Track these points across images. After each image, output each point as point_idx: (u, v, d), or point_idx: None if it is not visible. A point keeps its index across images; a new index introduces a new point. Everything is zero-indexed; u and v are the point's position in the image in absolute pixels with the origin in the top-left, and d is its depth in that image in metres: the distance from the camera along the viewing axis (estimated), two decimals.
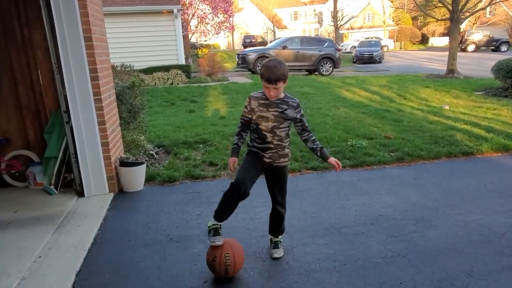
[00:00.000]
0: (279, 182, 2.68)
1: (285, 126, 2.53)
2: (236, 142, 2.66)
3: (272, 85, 2.39)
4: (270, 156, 2.57)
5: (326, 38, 17.63)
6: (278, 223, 2.78)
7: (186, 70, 13.55)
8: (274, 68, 2.37)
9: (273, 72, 2.37)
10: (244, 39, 40.07)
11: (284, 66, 2.42)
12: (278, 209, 2.73)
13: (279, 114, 2.49)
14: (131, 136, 4.86)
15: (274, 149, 2.55)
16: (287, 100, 2.51)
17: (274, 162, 2.58)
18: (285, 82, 2.43)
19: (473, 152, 5.03)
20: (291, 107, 2.50)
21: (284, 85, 2.45)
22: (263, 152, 2.57)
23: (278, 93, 2.46)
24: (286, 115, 2.50)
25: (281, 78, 2.39)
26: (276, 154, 2.57)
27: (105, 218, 3.42)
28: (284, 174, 2.68)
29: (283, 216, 2.77)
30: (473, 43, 30.94)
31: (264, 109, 2.50)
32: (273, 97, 2.46)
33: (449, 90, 10.43)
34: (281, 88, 2.45)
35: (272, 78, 2.37)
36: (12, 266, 2.61)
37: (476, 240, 2.91)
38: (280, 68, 2.38)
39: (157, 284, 2.47)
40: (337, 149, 5.18)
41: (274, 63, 2.41)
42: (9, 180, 4.09)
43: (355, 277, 2.48)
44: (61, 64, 3.51)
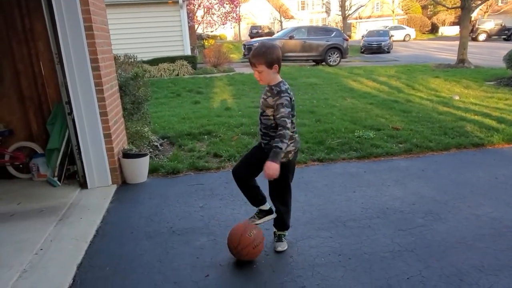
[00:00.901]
0: (274, 180, 2.42)
1: (268, 114, 2.40)
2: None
3: (253, 67, 2.36)
4: (265, 145, 2.51)
5: (334, 28, 17.35)
6: (278, 219, 2.70)
7: (192, 61, 13.44)
8: (257, 49, 2.34)
9: (253, 54, 2.34)
10: (250, 30, 39.76)
11: (270, 50, 2.33)
12: (277, 206, 2.65)
13: (263, 101, 2.44)
14: (134, 127, 4.82)
15: (264, 138, 2.49)
16: (273, 88, 2.39)
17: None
18: (269, 67, 2.33)
19: (484, 143, 4.90)
20: (272, 95, 2.37)
21: (270, 71, 2.34)
22: (262, 141, 2.55)
23: (261, 76, 2.38)
24: (267, 103, 2.40)
25: (261, 61, 2.31)
26: (268, 145, 2.44)
27: (107, 210, 3.39)
28: (282, 171, 2.34)
29: (282, 213, 2.67)
30: (484, 32, 30.29)
31: (262, 94, 2.50)
32: (259, 80, 2.42)
33: (459, 80, 10.21)
34: (265, 72, 2.35)
35: (251, 60, 2.36)
36: (13, 258, 2.59)
37: (487, 234, 2.81)
38: (261, 50, 2.32)
39: (159, 277, 2.43)
40: (343, 140, 5.08)
41: (259, 45, 2.37)
42: (13, 171, 4.09)
43: (361, 272, 2.42)
44: (62, 54, 3.46)
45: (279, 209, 2.66)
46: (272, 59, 2.33)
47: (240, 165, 2.65)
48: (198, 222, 3.14)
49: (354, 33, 42.62)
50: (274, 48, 2.37)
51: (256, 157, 2.54)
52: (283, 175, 2.42)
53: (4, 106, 4.07)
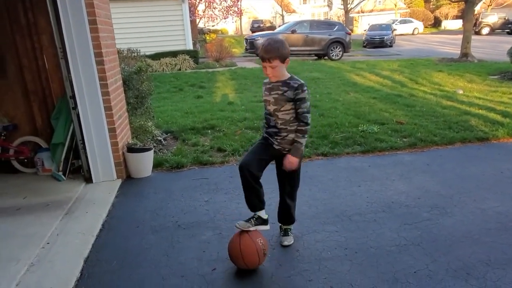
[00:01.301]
0: (288, 173, 2.55)
1: (287, 108, 2.40)
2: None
3: (267, 63, 2.33)
4: (279, 142, 2.47)
5: (336, 22, 17.24)
6: (286, 214, 2.70)
7: (194, 56, 13.40)
8: (268, 45, 2.32)
9: (266, 50, 2.31)
10: (252, 24, 39.56)
11: (282, 45, 2.34)
12: (286, 201, 2.65)
13: (279, 96, 2.41)
14: (138, 122, 4.81)
15: (280, 134, 2.45)
16: (289, 82, 2.40)
17: (284, 150, 2.48)
18: (283, 62, 2.34)
19: (489, 137, 4.88)
20: (291, 88, 2.38)
21: (283, 65, 2.35)
22: (272, 138, 2.49)
23: (274, 72, 2.36)
24: (286, 97, 2.39)
25: (276, 56, 2.30)
26: (283, 140, 2.45)
27: (113, 205, 3.39)
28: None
29: (291, 208, 2.67)
30: (488, 25, 30.05)
31: (267, 93, 2.46)
32: (271, 77, 2.39)
33: (462, 74, 10.15)
34: (279, 67, 2.34)
35: (265, 56, 2.32)
36: (20, 252, 2.60)
37: (493, 228, 2.81)
38: (275, 45, 2.32)
39: (165, 271, 2.44)
40: (347, 134, 5.07)
41: (270, 41, 2.35)
42: (18, 166, 4.09)
43: (367, 266, 2.42)
44: (66, 48, 3.44)
45: (288, 204, 2.66)
46: (285, 53, 2.34)
47: (253, 160, 2.43)
48: (204, 216, 3.14)
49: (356, 27, 42.37)
50: (285, 43, 2.39)
51: (267, 154, 2.52)
52: (297, 169, 2.55)
53: (9, 101, 4.07)
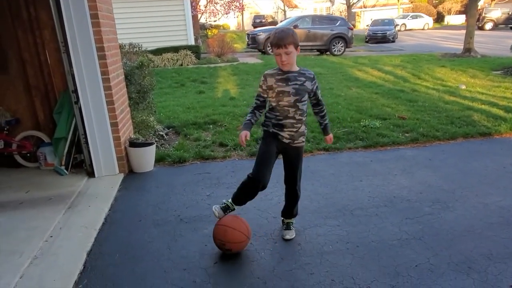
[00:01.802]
0: (297, 164, 2.61)
1: (306, 99, 2.49)
2: (249, 118, 2.53)
3: (283, 49, 2.32)
4: (290, 135, 2.49)
5: (338, 17, 17.14)
6: (292, 206, 2.72)
7: (195, 51, 13.36)
8: (282, 32, 2.34)
9: (281, 37, 2.32)
10: (254, 19, 39.39)
11: (294, 32, 2.40)
12: (294, 192, 2.67)
13: (300, 86, 2.42)
14: (140, 117, 4.81)
15: (296, 125, 2.47)
16: (304, 72, 2.46)
17: (293, 142, 2.52)
18: (296, 48, 2.36)
19: (491, 132, 4.87)
20: (309, 79, 2.46)
21: (296, 52, 2.37)
22: (282, 132, 2.48)
23: (289, 58, 2.35)
24: (305, 88, 2.44)
25: (291, 41, 2.32)
26: (296, 133, 2.49)
27: (115, 199, 3.41)
28: (301, 155, 2.63)
29: (298, 199, 2.71)
30: (491, 20, 29.84)
31: (283, 84, 2.41)
32: (286, 64, 2.36)
33: (465, 69, 10.10)
34: (293, 54, 2.35)
35: (280, 43, 2.31)
36: (24, 245, 2.62)
37: (495, 222, 2.81)
38: (288, 32, 2.36)
39: (168, 264, 2.45)
40: (349, 129, 5.06)
41: (282, 29, 2.39)
42: (20, 160, 4.11)
43: (369, 260, 2.43)
44: (68, 42, 3.44)
45: (296, 196, 2.68)
46: (298, 40, 2.38)
47: (264, 173, 2.47)
48: (206, 210, 3.15)
49: (358, 22, 42.14)
50: (296, 33, 2.42)
51: (274, 155, 2.53)
52: (302, 158, 2.63)
53: (11, 95, 4.07)
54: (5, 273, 2.32)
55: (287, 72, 2.41)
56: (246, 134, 2.45)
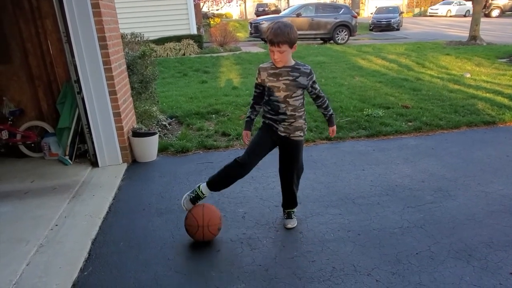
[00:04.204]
0: (293, 158, 2.57)
1: (298, 94, 2.40)
2: (249, 115, 2.60)
3: (275, 47, 2.27)
4: (285, 129, 2.46)
5: (342, 5, 16.95)
6: (290, 199, 2.73)
7: (198, 40, 13.29)
8: (278, 29, 2.26)
9: (276, 34, 2.25)
10: (256, 8, 38.97)
11: (291, 29, 2.28)
12: (288, 187, 2.67)
13: (291, 82, 2.37)
14: (143, 106, 4.83)
15: (288, 120, 2.44)
16: (299, 67, 2.38)
17: (290, 136, 2.48)
18: (291, 47, 2.28)
19: (495, 121, 4.85)
20: (303, 74, 2.37)
21: (291, 50, 2.30)
22: (277, 125, 2.47)
23: (282, 57, 2.30)
24: (298, 83, 2.38)
25: (285, 40, 2.25)
26: (291, 127, 2.45)
27: (119, 188, 3.44)
28: (298, 150, 2.57)
29: (294, 193, 2.70)
30: (497, 7, 29.37)
31: (274, 79, 2.39)
32: (278, 61, 2.32)
33: (470, 57, 9.99)
34: (287, 52, 2.30)
35: (274, 40, 2.25)
36: (30, 233, 2.66)
37: (497, 210, 2.82)
38: (284, 29, 2.26)
39: (171, 252, 2.49)
40: (352, 118, 5.05)
41: (279, 24, 2.29)
42: (25, 150, 4.15)
43: (370, 247, 2.45)
44: (70, 32, 3.44)
45: (292, 190, 2.68)
46: (294, 39, 2.29)
47: (254, 160, 2.51)
48: (208, 199, 3.14)
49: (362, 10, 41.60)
50: (294, 28, 2.33)
51: (268, 145, 2.53)
52: (300, 152, 2.59)
53: (14, 86, 4.09)
54: (12, 260, 2.37)
55: (281, 67, 2.36)
56: (246, 134, 2.60)
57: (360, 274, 2.20)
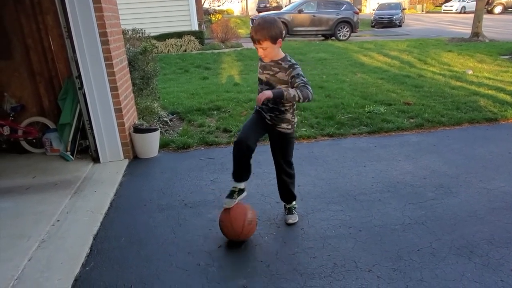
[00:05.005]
0: (282, 149, 2.60)
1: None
2: None
3: (257, 44, 2.30)
4: (271, 118, 2.49)
5: (344, 1, 16.81)
6: (285, 190, 2.73)
7: (199, 37, 13.25)
8: (258, 26, 2.26)
9: (256, 31, 2.26)
10: (258, 4, 38.84)
11: (272, 25, 2.26)
12: (282, 177, 2.67)
13: (271, 77, 2.39)
14: (144, 103, 4.82)
15: (272, 112, 2.45)
16: (281, 63, 2.35)
17: (276, 126, 2.50)
18: (274, 43, 2.27)
19: (497, 118, 4.83)
20: (282, 70, 2.34)
21: (274, 46, 2.29)
22: (264, 113, 2.51)
23: (266, 53, 2.32)
24: (277, 78, 2.37)
25: (266, 37, 2.24)
26: (276, 118, 2.47)
27: (120, 184, 3.44)
28: (287, 142, 2.58)
29: (289, 184, 2.70)
30: (500, 4, 29.23)
31: (261, 71, 2.46)
32: (263, 57, 2.36)
33: (473, 54, 9.95)
34: (270, 48, 2.29)
35: (255, 37, 2.28)
36: (31, 229, 2.67)
37: (498, 207, 2.81)
38: (265, 26, 2.25)
39: (172, 248, 2.49)
40: (354, 115, 5.04)
41: (260, 21, 2.29)
42: (26, 146, 4.15)
43: (371, 244, 2.45)
44: (71, 27, 3.43)
45: (284, 180, 2.68)
46: (276, 33, 2.27)
47: (251, 134, 2.41)
48: (209, 195, 3.18)
49: (364, 6, 41.43)
50: (277, 22, 2.30)
51: (262, 126, 2.53)
52: (289, 145, 2.59)
53: (16, 82, 4.09)
54: (14, 255, 2.38)
55: (268, 61, 2.39)
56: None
57: (361, 271, 2.20)
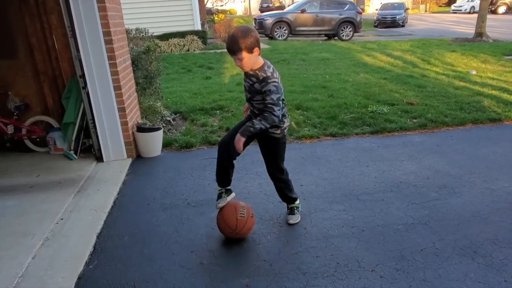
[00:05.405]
0: (271, 154, 2.55)
1: (259, 99, 2.34)
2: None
3: (234, 56, 2.25)
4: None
5: (347, 1, 16.78)
6: (281, 194, 2.71)
7: (202, 36, 13.25)
8: (231, 37, 2.22)
9: (229, 43, 2.23)
10: (261, 4, 38.83)
11: (246, 35, 2.19)
12: (273, 180, 2.65)
13: (249, 86, 2.37)
14: (147, 102, 4.83)
15: (254, 117, 2.40)
16: (258, 73, 2.29)
17: (263, 131, 2.40)
18: (250, 52, 2.21)
19: (501, 118, 4.81)
20: (258, 81, 2.29)
21: (251, 55, 2.22)
22: (254, 117, 2.42)
23: (244, 64, 2.26)
24: (255, 89, 2.33)
25: (239, 49, 2.18)
26: None
27: (123, 183, 3.45)
28: (276, 146, 2.52)
29: (283, 188, 2.67)
30: (504, 4, 29.10)
31: (244, 77, 2.41)
32: (242, 68, 2.31)
33: (476, 54, 9.91)
34: (247, 58, 2.23)
35: (229, 49, 2.24)
36: (35, 227, 2.68)
37: (502, 208, 2.80)
38: (238, 36, 2.18)
39: (175, 247, 2.50)
40: (356, 115, 5.03)
41: (234, 32, 2.23)
42: (30, 145, 4.17)
43: (374, 243, 2.45)
44: (75, 27, 3.44)
45: (279, 187, 2.68)
46: (251, 43, 2.20)
47: (227, 139, 2.47)
48: (212, 194, 3.17)
49: (367, 6, 41.37)
50: (251, 31, 2.23)
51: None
52: (277, 150, 2.54)
53: (20, 81, 4.11)
54: (18, 253, 2.39)
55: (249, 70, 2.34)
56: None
57: (364, 270, 2.20)
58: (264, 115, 2.26)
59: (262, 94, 2.29)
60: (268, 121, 2.27)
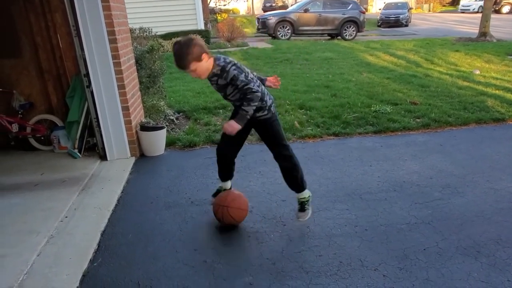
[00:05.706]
0: (269, 135, 2.59)
1: (231, 91, 2.42)
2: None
3: (186, 70, 2.29)
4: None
5: (350, 0, 16.74)
6: (288, 177, 2.67)
7: (205, 36, 13.25)
8: (176, 55, 2.26)
9: (176, 62, 2.27)
10: (264, 3, 38.79)
11: (189, 47, 2.21)
12: (281, 163, 2.63)
13: (215, 86, 2.47)
14: (151, 101, 4.85)
15: (240, 107, 2.41)
16: (214, 72, 2.36)
17: (252, 118, 2.44)
18: (199, 61, 2.25)
19: (505, 118, 4.80)
20: (219, 76, 2.37)
21: (201, 63, 2.26)
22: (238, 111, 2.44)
23: (198, 74, 2.32)
24: (220, 86, 2.42)
25: (187, 63, 2.23)
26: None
27: (127, 181, 3.47)
28: (270, 127, 2.55)
29: (291, 169, 2.63)
30: (508, 4, 28.90)
31: (208, 82, 2.51)
32: (200, 77, 2.35)
33: (480, 54, 9.87)
34: (199, 68, 2.28)
35: (178, 66, 2.29)
36: (40, 225, 2.70)
37: (506, 207, 2.80)
38: (182, 53, 2.22)
39: (179, 245, 2.51)
40: (360, 114, 5.03)
41: (176, 48, 2.26)
42: (35, 143, 4.19)
43: (377, 243, 2.45)
44: (79, 26, 3.46)
45: (284, 167, 2.64)
46: (196, 53, 2.23)
47: (226, 144, 2.70)
48: None
49: (371, 5, 41.27)
50: (191, 41, 2.25)
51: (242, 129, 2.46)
52: (273, 129, 2.56)
53: (24, 79, 4.13)
54: (23, 251, 2.41)
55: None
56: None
57: (367, 269, 2.21)
58: (247, 97, 2.33)
59: (231, 84, 2.36)
60: (254, 99, 2.33)
